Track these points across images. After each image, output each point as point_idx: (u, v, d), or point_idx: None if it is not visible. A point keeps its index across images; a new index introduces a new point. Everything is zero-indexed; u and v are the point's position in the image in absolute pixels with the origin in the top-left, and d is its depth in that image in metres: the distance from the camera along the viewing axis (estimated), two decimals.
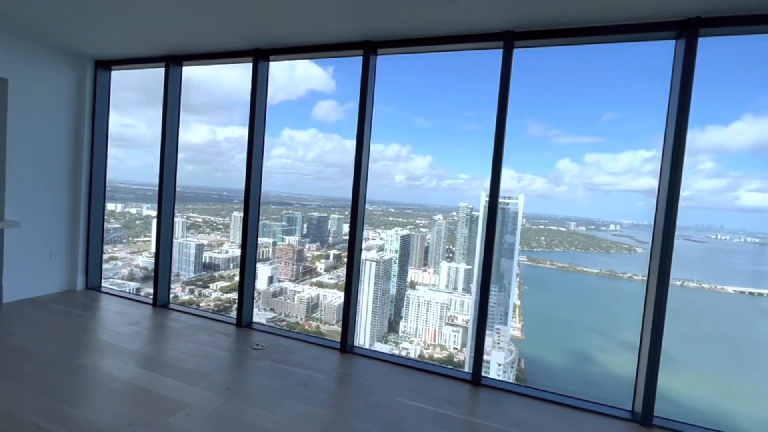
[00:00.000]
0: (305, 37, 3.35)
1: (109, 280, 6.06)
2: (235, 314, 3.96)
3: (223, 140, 12.88)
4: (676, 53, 2.66)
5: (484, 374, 3.08)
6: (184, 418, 2.35)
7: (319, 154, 13.60)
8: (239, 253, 3.93)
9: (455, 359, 7.77)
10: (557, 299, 8.27)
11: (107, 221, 5.06)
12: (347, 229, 3.50)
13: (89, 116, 4.57)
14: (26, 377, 2.67)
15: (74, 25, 3.53)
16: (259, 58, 3.74)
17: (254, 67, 3.76)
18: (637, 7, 2.48)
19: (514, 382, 6.12)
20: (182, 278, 8.44)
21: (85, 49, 4.22)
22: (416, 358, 7.60)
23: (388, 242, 8.52)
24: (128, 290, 5.10)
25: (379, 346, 7.97)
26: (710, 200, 8.17)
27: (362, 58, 3.36)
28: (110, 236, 8.40)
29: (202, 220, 9.36)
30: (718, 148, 8.51)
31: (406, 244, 8.54)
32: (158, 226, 4.26)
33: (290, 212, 9.20)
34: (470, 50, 3.22)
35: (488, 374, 3.22)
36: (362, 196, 3.47)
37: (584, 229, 8.67)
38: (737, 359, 5.99)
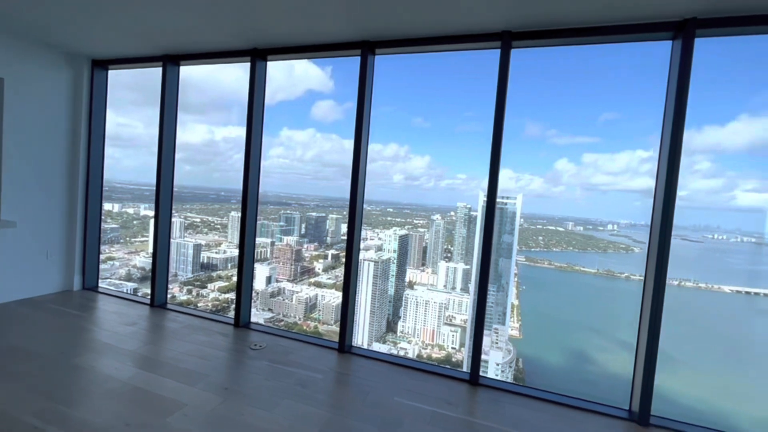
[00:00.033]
0: (303, 36, 3.35)
1: (106, 280, 6.04)
2: (233, 314, 3.96)
3: (221, 140, 12.86)
4: (672, 54, 2.67)
5: (482, 374, 3.08)
6: (181, 418, 2.34)
7: (317, 153, 13.59)
8: (237, 253, 3.92)
9: (453, 359, 7.78)
10: (555, 299, 8.28)
11: (104, 221, 5.06)
12: (345, 229, 3.50)
13: (86, 116, 4.55)
14: (23, 378, 2.66)
15: (71, 24, 3.51)
16: (256, 57, 3.73)
17: (252, 66, 3.75)
18: (633, 8, 2.49)
19: (512, 381, 6.13)
20: (180, 278, 8.42)
21: (81, 48, 4.20)
22: (414, 358, 7.60)
23: (386, 242, 8.51)
24: (126, 290, 5.08)
25: (377, 346, 7.96)
26: (707, 200, 8.21)
27: (360, 58, 3.36)
28: (107, 236, 8.37)
29: (199, 220, 9.33)
30: (714, 148, 8.55)
31: (404, 244, 8.54)
32: (156, 226, 4.25)
33: (288, 212, 9.18)
34: (468, 50, 3.23)
35: (486, 374, 3.22)
36: (360, 195, 3.47)
37: (582, 229, 8.69)
38: (734, 358, 6.02)
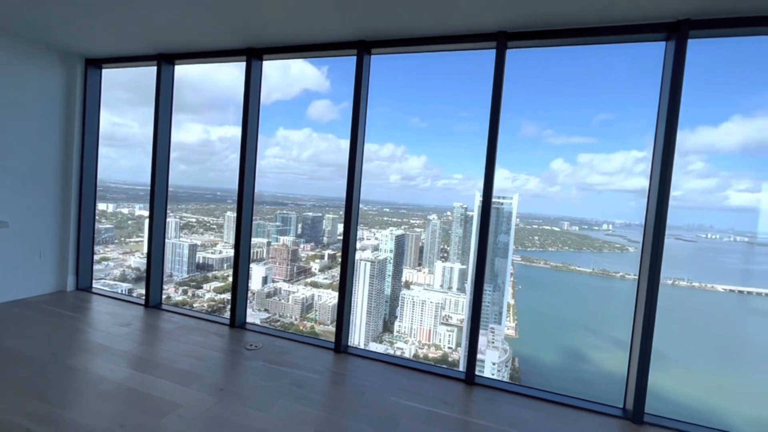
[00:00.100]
0: (299, 36, 3.34)
1: (100, 281, 5.99)
2: (228, 315, 3.94)
3: (216, 140, 12.77)
4: (666, 54, 2.69)
5: (478, 373, 3.09)
6: (176, 419, 2.33)
7: (313, 153, 13.54)
8: (233, 253, 3.90)
9: (450, 359, 7.79)
10: (551, 298, 8.32)
11: (99, 221, 5.01)
12: (342, 229, 3.49)
13: (79, 115, 4.51)
14: (15, 379, 2.63)
15: (63, 22, 3.48)
16: (252, 57, 3.72)
17: (247, 66, 3.74)
18: (627, 9, 2.51)
19: (508, 380, 6.15)
20: (175, 279, 8.36)
21: (74, 47, 4.17)
22: (411, 357, 7.61)
23: (382, 242, 8.51)
24: (120, 291, 5.05)
25: (373, 345, 7.96)
26: (700, 200, 8.27)
27: (356, 57, 3.36)
28: (102, 237, 8.30)
29: (195, 220, 9.28)
30: (708, 148, 8.63)
31: (400, 243, 8.55)
32: (150, 226, 4.22)
33: (284, 212, 9.15)
34: (464, 50, 3.24)
35: (482, 373, 3.24)
36: (357, 195, 3.46)
37: (577, 228, 8.74)
38: (727, 357, 6.08)
